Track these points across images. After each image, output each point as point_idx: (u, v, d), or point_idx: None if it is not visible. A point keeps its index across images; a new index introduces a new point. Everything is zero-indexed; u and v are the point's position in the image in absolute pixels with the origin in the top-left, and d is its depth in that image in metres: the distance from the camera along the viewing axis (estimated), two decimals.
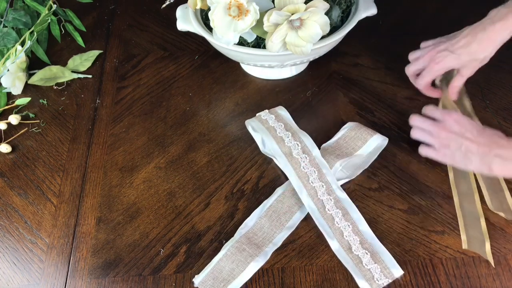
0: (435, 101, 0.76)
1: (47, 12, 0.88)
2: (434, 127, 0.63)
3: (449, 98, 0.71)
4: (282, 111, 0.72)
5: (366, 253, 0.60)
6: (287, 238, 0.63)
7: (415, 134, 0.65)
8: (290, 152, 0.67)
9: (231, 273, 0.59)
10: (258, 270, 0.60)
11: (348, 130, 0.71)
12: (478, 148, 0.58)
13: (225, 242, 0.62)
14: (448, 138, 0.61)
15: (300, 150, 0.67)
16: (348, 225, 0.62)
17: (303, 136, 0.68)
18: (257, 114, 0.72)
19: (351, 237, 0.61)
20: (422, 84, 0.70)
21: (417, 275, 0.59)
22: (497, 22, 0.61)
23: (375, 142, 0.69)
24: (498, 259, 0.59)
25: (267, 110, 0.72)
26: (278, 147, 0.68)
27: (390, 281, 0.58)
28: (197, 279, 0.59)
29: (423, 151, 0.64)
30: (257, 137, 0.72)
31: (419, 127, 0.64)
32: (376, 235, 0.61)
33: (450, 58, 0.65)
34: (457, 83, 0.69)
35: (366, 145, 0.69)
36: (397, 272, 0.58)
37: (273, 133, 0.69)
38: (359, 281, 0.58)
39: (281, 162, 0.67)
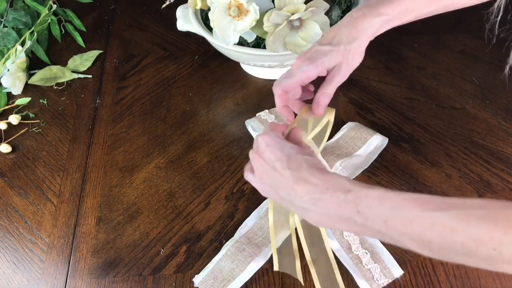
0: (436, 101, 0.76)
1: (47, 12, 0.88)
2: (251, 152, 0.51)
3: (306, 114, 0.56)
4: None
5: (366, 253, 0.60)
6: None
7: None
8: None
9: (231, 273, 0.59)
10: (258, 270, 0.60)
11: (348, 130, 0.71)
12: (287, 193, 0.46)
13: (225, 242, 0.62)
14: (262, 167, 0.49)
15: None
16: None
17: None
18: (257, 114, 0.72)
19: (351, 236, 0.61)
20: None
21: (417, 275, 0.59)
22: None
23: (375, 142, 0.69)
24: None
25: (267, 110, 0.72)
26: None
27: (390, 281, 0.58)
28: (197, 279, 0.59)
29: (245, 174, 0.53)
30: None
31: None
32: None
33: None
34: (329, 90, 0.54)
35: (366, 145, 0.69)
36: (397, 272, 0.58)
37: None
38: (359, 280, 0.58)
39: None
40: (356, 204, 0.41)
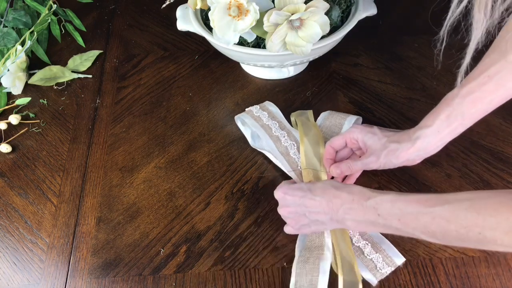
0: (436, 101, 0.76)
1: (47, 12, 0.88)
2: (279, 210, 0.60)
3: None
4: (272, 107, 0.72)
5: (367, 244, 0.60)
6: (287, 238, 0.63)
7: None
8: (288, 152, 0.67)
9: (311, 283, 0.57)
10: (258, 270, 0.60)
11: (323, 121, 0.71)
12: (324, 214, 0.55)
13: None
14: (293, 214, 0.58)
15: (296, 149, 0.67)
16: None
17: (297, 135, 0.69)
18: (247, 109, 0.72)
19: (350, 229, 0.61)
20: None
21: (417, 275, 0.59)
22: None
23: (350, 124, 0.70)
24: (498, 259, 0.59)
25: (257, 106, 0.73)
26: (275, 147, 0.68)
27: (393, 269, 0.58)
28: None
29: (284, 229, 0.62)
30: (247, 132, 0.72)
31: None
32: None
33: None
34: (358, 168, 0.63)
35: (342, 130, 0.70)
36: (399, 259, 0.59)
37: (269, 132, 0.69)
38: (362, 272, 0.58)
39: (281, 162, 0.67)
40: (375, 208, 0.51)
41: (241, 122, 0.72)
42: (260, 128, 0.69)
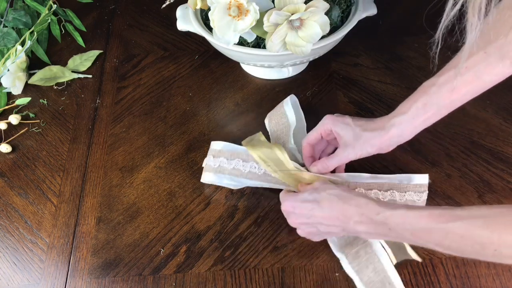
0: None
1: (47, 12, 0.88)
2: (288, 219, 0.60)
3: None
4: (217, 146, 0.68)
5: (393, 192, 0.61)
6: (287, 238, 0.63)
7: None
8: (269, 174, 0.64)
9: (376, 270, 0.57)
10: (258, 270, 0.60)
11: (268, 124, 0.73)
12: (335, 226, 0.55)
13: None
14: (303, 226, 0.58)
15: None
16: None
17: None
18: (204, 166, 0.67)
19: None
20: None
21: (417, 275, 0.59)
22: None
23: (289, 105, 0.71)
24: None
25: (210, 156, 0.67)
26: (257, 181, 0.65)
27: (427, 191, 0.60)
28: None
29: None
30: (224, 183, 0.66)
31: None
32: None
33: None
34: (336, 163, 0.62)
35: (287, 114, 0.71)
36: (424, 179, 0.61)
37: (240, 173, 0.65)
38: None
39: (268, 184, 0.65)
40: (386, 223, 0.50)
41: (211, 180, 0.67)
42: (231, 178, 0.65)
